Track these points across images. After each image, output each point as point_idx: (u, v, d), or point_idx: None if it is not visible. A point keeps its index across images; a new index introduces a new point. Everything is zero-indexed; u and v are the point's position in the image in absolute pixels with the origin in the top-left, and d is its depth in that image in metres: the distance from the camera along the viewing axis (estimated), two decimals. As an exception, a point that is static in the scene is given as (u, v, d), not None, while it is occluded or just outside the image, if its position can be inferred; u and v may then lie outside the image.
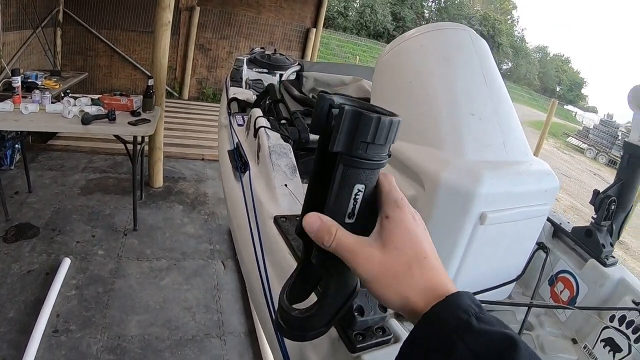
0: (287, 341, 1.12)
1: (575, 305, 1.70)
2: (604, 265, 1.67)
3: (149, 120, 4.13)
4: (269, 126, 2.16)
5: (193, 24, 9.31)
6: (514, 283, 1.64)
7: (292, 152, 1.97)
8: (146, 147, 5.12)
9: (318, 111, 0.60)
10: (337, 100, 0.61)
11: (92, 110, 3.98)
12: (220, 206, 5.20)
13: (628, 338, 1.50)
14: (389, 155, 0.60)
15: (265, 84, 4.01)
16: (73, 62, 8.47)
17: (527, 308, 1.51)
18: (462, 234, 1.29)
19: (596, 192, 1.78)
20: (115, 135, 4.00)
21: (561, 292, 1.78)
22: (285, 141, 2.07)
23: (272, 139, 1.99)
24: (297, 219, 0.71)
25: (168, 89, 9.49)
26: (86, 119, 3.73)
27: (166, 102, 8.69)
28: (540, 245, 1.75)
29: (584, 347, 1.61)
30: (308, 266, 0.69)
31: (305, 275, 0.72)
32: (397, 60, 1.66)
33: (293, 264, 1.25)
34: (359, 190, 0.58)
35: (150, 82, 4.38)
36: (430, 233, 1.18)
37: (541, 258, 1.73)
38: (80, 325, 3.12)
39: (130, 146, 4.08)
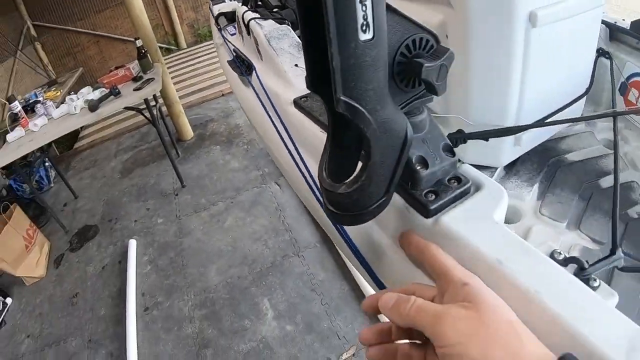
0: (352, 228, 0.84)
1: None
2: None
3: (152, 79, 3.88)
4: (259, 16, 1.88)
5: (161, -29, 8.59)
6: (584, 100, 1.35)
7: (293, 32, 1.70)
8: (164, 108, 4.89)
9: None
10: None
11: (95, 95, 3.76)
12: (255, 131, 4.93)
13: None
14: None
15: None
16: (65, 65, 8.22)
17: (612, 120, 1.20)
18: (515, 43, 1.05)
19: None
20: (129, 108, 3.77)
21: (637, 99, 1.44)
22: (281, 24, 1.81)
23: (265, 27, 1.73)
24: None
25: (164, 45, 9.07)
26: (93, 105, 3.53)
27: (168, 57, 8.45)
28: (600, 52, 1.42)
29: (677, 148, 1.34)
30: (341, 127, 0.56)
31: (341, 139, 0.58)
32: None
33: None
34: None
35: (139, 43, 4.05)
36: (475, 56, 1.07)
37: (605, 66, 1.42)
38: (166, 295, 3.06)
39: (147, 113, 3.86)
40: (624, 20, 1.57)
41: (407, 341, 0.50)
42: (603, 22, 1.46)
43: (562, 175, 1.26)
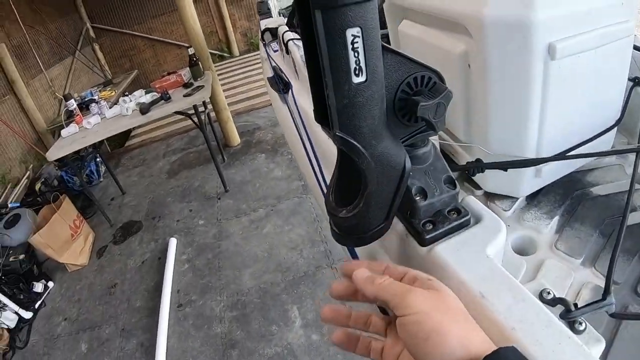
0: (359, 248, 0.90)
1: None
2: None
3: (202, 86, 4.09)
4: (298, 36, 1.95)
5: (215, -19, 9.03)
6: (614, 130, 1.31)
7: None
8: (213, 114, 5.12)
9: None
10: None
11: (147, 98, 4.03)
12: (300, 141, 5.07)
13: None
14: None
15: (298, 8, 3.79)
16: (121, 67, 8.74)
17: (635, 155, 1.15)
18: (533, 76, 1.03)
19: None
20: (178, 113, 3.98)
21: None
22: None
23: (302, 48, 1.79)
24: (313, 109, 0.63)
25: (217, 52, 9.45)
26: (144, 108, 3.77)
27: (219, 64, 8.81)
28: (636, 81, 1.38)
29: None
30: (344, 157, 0.61)
31: (345, 167, 0.62)
32: None
33: None
34: (355, 36, 0.46)
35: (191, 51, 4.31)
36: (494, 87, 1.09)
37: None
38: (200, 294, 3.20)
39: (196, 118, 4.07)
40: None
41: (367, 334, 0.56)
42: (638, 48, 1.44)
43: (585, 209, 1.24)
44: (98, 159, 5.28)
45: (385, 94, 0.55)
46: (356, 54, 0.47)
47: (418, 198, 0.65)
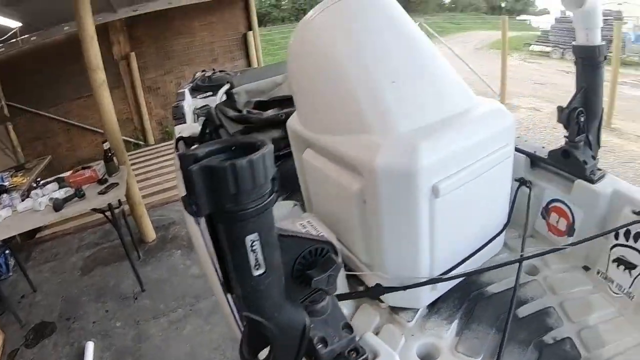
0: None
1: (575, 232, 1.55)
2: (592, 182, 1.50)
3: (117, 183, 4.21)
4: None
5: (133, 69, 9.34)
6: (504, 231, 1.54)
7: None
8: (127, 207, 5.23)
9: (186, 176, 0.53)
10: (202, 152, 0.54)
11: (61, 194, 4.07)
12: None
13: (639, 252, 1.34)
14: (275, 191, 0.55)
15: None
16: (34, 150, 8.55)
17: (519, 263, 1.34)
18: (420, 213, 1.19)
19: (560, 109, 1.61)
20: (93, 210, 4.08)
21: (557, 222, 1.62)
22: None
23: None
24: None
25: (132, 140, 9.58)
26: (57, 205, 3.82)
27: (134, 153, 8.96)
28: (521, 181, 1.63)
29: (598, 273, 1.45)
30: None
31: (255, 330, 0.70)
32: (303, 47, 1.52)
33: None
34: (253, 240, 0.55)
35: (106, 145, 4.46)
36: (386, 221, 1.21)
37: (525, 194, 1.60)
38: (122, 402, 3.28)
39: (109, 214, 4.16)
40: (543, 147, 1.73)
41: None
42: (523, 152, 1.66)
43: (481, 309, 1.33)
44: (7, 252, 5.17)
45: (284, 268, 0.64)
46: (255, 253, 0.56)
47: (320, 346, 0.76)
